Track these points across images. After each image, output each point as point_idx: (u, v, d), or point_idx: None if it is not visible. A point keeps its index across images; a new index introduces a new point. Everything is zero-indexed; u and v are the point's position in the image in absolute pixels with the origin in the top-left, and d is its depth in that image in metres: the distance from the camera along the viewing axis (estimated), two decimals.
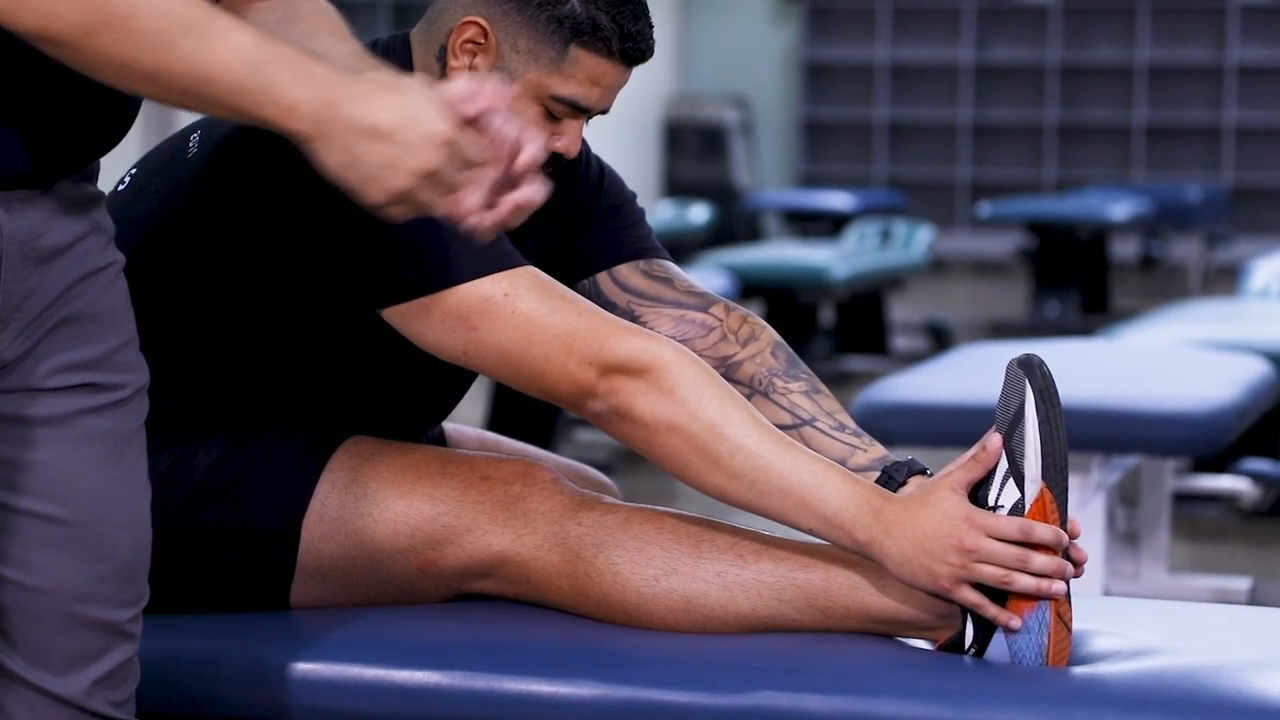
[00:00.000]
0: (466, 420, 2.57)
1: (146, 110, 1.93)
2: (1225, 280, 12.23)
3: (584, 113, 2.26)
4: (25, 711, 1.85)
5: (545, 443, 5.11)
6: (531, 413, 5.47)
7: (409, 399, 2.33)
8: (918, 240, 9.56)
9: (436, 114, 1.71)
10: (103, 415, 1.84)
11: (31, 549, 1.83)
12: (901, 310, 10.33)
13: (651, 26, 2.25)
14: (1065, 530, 2.10)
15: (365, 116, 1.70)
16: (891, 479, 2.20)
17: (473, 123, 1.74)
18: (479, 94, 1.74)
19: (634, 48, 2.24)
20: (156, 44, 1.66)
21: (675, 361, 2.13)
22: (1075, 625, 2.14)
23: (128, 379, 1.87)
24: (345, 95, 1.70)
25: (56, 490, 1.82)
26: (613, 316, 2.18)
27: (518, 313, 2.13)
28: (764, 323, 2.40)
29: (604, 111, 2.28)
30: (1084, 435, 3.87)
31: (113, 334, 1.86)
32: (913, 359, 7.81)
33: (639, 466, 5.79)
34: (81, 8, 1.64)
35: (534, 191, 1.77)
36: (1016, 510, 2.10)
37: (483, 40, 2.23)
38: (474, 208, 1.75)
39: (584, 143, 2.35)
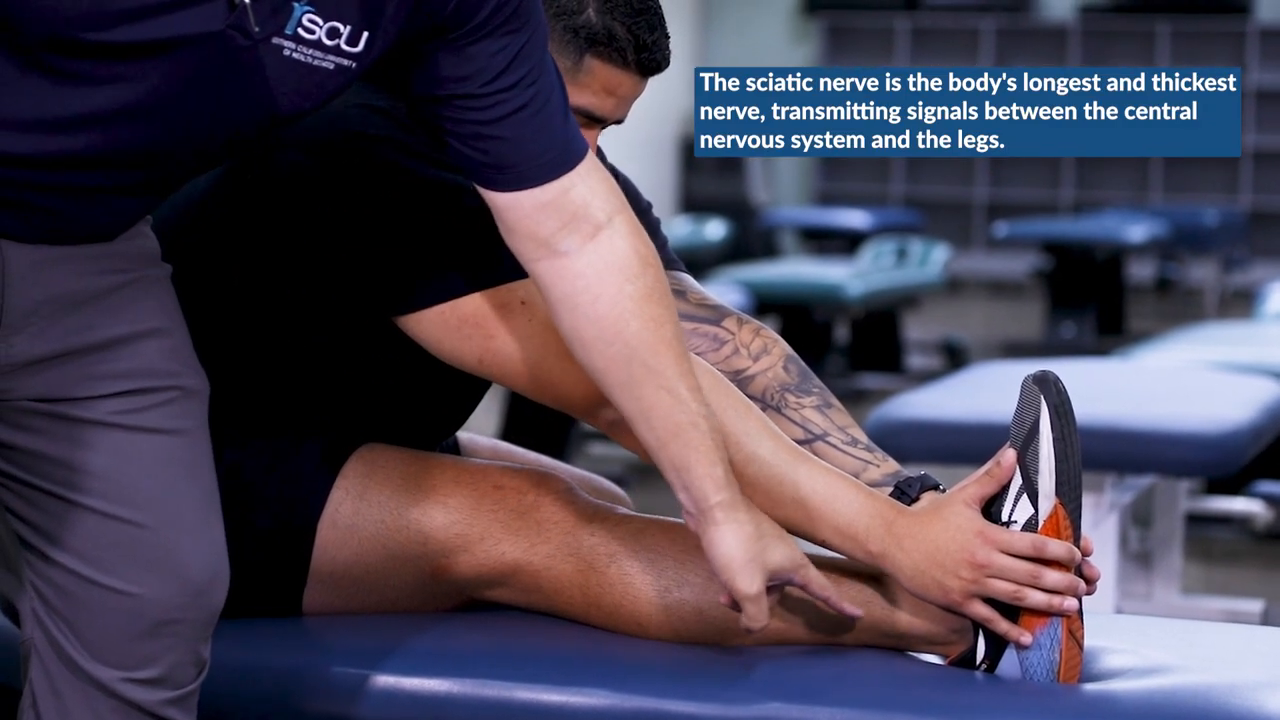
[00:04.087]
0: (480, 430, 2.57)
1: None
2: (1241, 303, 12.21)
3: (599, 123, 2.25)
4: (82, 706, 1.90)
5: (559, 454, 5.11)
6: (546, 423, 5.47)
7: (424, 407, 2.33)
8: (934, 259, 9.55)
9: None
10: (144, 416, 1.89)
11: (100, 547, 1.88)
12: (916, 329, 10.32)
13: (667, 37, 2.25)
14: (1078, 547, 2.10)
15: None
16: (904, 494, 2.20)
17: None
18: None
19: (649, 58, 2.23)
20: None
21: None
22: (1087, 642, 2.14)
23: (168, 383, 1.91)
24: None
25: (110, 489, 1.87)
26: None
27: (534, 321, 2.13)
28: (776, 336, 2.39)
29: (619, 121, 2.27)
30: (1098, 455, 3.87)
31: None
32: (927, 378, 7.80)
33: (652, 480, 5.78)
34: None
35: None
36: (1030, 526, 2.10)
37: None
38: None
39: (600, 151, 2.35)
